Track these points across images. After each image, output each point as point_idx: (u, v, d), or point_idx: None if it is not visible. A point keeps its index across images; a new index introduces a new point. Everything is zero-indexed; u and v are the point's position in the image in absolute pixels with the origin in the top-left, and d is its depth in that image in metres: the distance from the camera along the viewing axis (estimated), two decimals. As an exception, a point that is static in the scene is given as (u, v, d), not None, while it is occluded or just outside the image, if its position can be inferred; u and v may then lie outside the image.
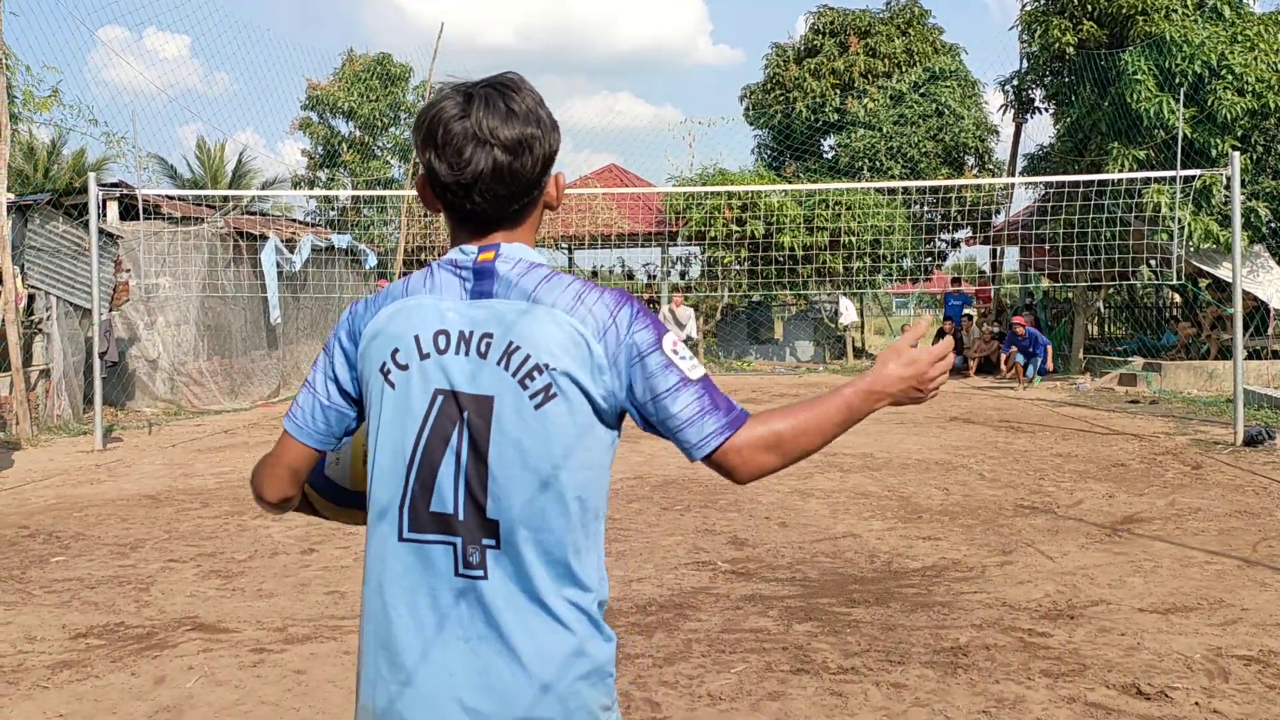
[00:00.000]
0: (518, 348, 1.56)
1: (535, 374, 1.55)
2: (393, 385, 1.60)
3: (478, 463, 1.55)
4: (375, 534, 1.62)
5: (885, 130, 22.52)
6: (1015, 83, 21.24)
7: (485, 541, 1.55)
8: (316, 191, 28.83)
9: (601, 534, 1.64)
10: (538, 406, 1.55)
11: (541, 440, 1.55)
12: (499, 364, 1.56)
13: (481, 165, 1.58)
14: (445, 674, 1.55)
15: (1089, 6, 18.17)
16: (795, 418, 1.62)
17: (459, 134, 1.58)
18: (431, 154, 1.61)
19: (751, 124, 25.48)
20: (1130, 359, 17.46)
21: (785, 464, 1.62)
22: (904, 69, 23.48)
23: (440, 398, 1.57)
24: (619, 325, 1.59)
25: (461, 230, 1.67)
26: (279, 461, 1.73)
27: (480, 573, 1.55)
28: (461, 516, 1.56)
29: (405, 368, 1.59)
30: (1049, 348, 17.35)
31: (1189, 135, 15.68)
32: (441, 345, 1.59)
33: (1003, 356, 16.21)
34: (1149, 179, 15.46)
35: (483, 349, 1.58)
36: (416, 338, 1.59)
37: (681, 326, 17.94)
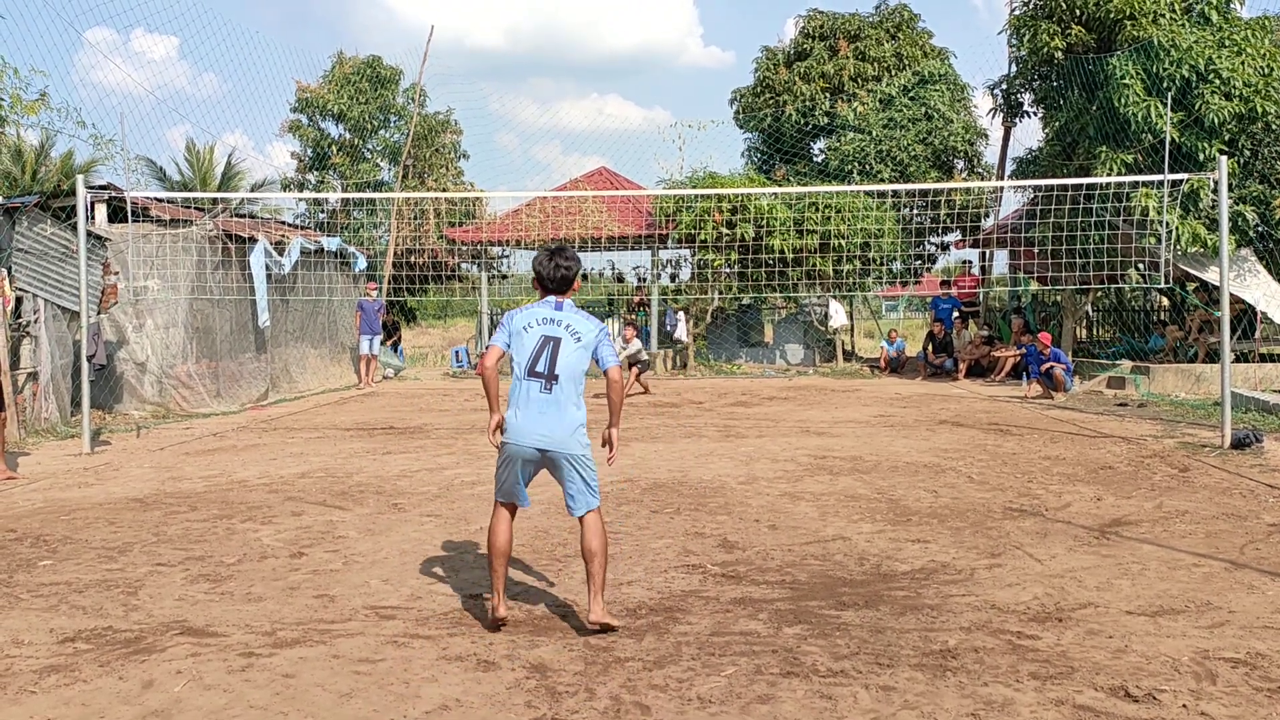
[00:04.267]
0: (570, 325, 4.83)
1: (578, 336, 4.81)
2: (527, 332, 4.80)
3: (554, 358, 4.73)
4: (517, 380, 4.77)
5: (875, 134, 22.58)
6: (1004, 87, 21.32)
7: (552, 382, 4.71)
8: (306, 194, 28.75)
9: (584, 386, 4.86)
10: (576, 344, 4.79)
11: (575, 356, 4.78)
12: (564, 328, 4.81)
13: (557, 273, 4.91)
14: (532, 420, 4.73)
15: (1077, 11, 18.23)
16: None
17: (548, 261, 4.94)
18: (539, 267, 4.93)
19: (741, 127, 25.53)
20: (1118, 362, 17.52)
21: (620, 393, 4.98)
22: (893, 73, 23.55)
23: (541, 337, 4.78)
24: (603, 331, 4.92)
25: (545, 294, 4.93)
26: (495, 356, 4.82)
27: (551, 388, 4.72)
28: (545, 372, 4.72)
29: (531, 327, 4.81)
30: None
31: (1177, 139, 15.75)
32: (541, 323, 4.82)
33: (1028, 382, 16.19)
34: (1137, 183, 15.52)
35: (557, 324, 4.81)
36: (535, 318, 4.84)
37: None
